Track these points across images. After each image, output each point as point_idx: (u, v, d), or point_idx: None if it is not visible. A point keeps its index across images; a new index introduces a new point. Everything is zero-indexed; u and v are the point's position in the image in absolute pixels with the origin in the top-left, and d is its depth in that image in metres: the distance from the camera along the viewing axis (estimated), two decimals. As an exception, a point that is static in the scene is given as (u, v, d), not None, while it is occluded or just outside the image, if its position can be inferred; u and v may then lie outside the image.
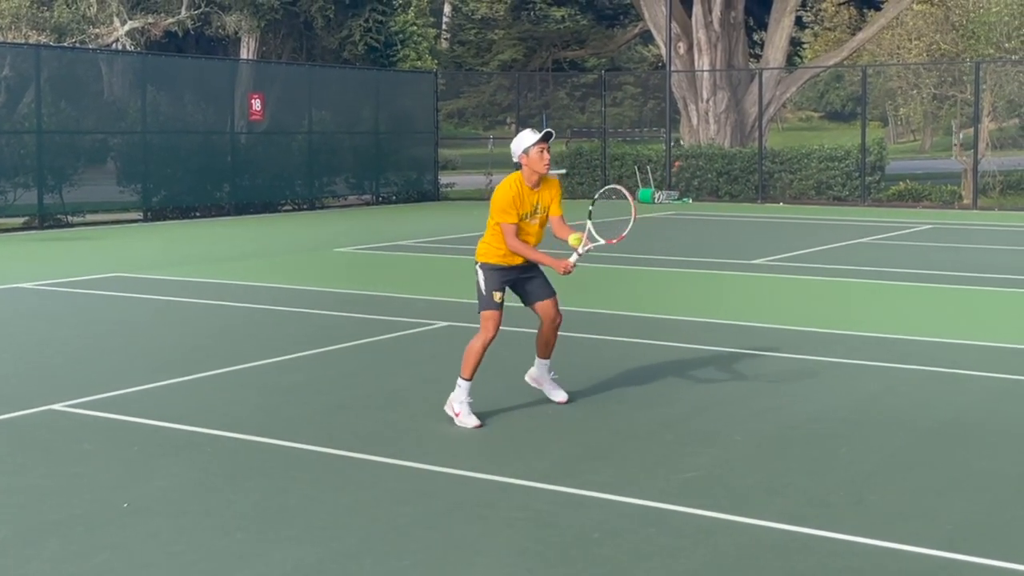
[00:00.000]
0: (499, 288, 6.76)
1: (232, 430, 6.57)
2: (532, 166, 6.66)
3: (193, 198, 23.23)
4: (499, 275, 6.77)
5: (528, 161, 6.66)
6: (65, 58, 22.95)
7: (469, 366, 6.74)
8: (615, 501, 5.37)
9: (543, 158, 6.63)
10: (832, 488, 5.59)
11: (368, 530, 5.00)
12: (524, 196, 6.70)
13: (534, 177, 6.70)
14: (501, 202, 6.66)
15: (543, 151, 6.63)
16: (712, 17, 29.67)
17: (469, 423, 6.66)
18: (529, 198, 6.71)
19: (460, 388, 6.74)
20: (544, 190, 6.76)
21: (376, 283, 13.01)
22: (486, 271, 6.80)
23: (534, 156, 6.64)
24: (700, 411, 7.11)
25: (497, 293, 6.75)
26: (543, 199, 6.75)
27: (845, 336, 9.62)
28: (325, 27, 31.21)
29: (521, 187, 6.70)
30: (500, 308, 6.77)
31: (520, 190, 6.69)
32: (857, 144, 26.05)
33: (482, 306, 6.79)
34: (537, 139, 6.63)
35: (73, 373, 8.24)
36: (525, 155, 6.66)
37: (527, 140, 6.65)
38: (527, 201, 6.70)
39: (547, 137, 6.65)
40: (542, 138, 6.63)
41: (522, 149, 6.66)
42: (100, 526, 5.04)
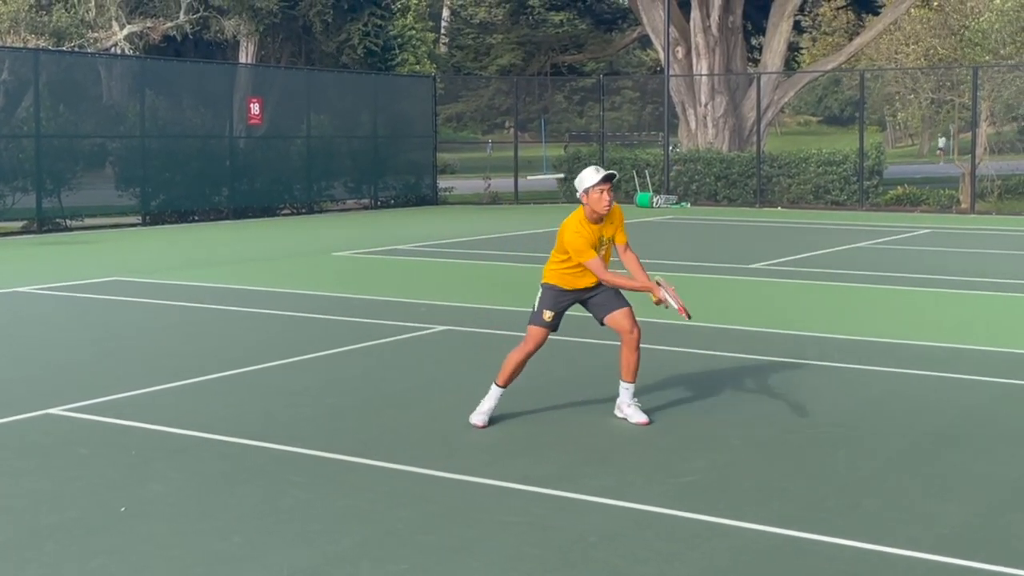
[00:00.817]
0: (552, 308, 6.80)
1: (229, 434, 6.57)
2: (592, 206, 6.67)
3: (191, 202, 23.25)
4: (556, 295, 6.81)
5: (588, 201, 6.67)
6: (64, 62, 22.98)
7: (505, 374, 6.83)
8: (612, 505, 5.37)
9: (603, 199, 6.62)
10: (829, 492, 5.59)
11: (365, 534, 5.00)
12: (591, 232, 6.72)
13: (595, 215, 6.71)
14: (577, 245, 6.64)
15: (603, 192, 6.61)
16: (710, 21, 29.71)
17: (477, 420, 6.79)
18: (595, 233, 6.73)
19: (491, 395, 6.86)
20: (607, 223, 6.78)
21: (374, 287, 13.02)
22: (545, 290, 6.86)
23: (594, 197, 6.64)
24: (698, 415, 7.11)
25: (548, 312, 6.78)
26: (606, 232, 6.79)
27: (843, 340, 9.63)
28: (323, 31, 31.26)
29: (586, 225, 6.72)
30: (548, 327, 6.81)
31: (587, 228, 6.71)
32: (855, 148, 26.08)
33: (531, 320, 6.85)
34: (598, 180, 6.62)
35: (71, 377, 8.25)
36: (586, 195, 6.67)
37: (588, 181, 6.65)
38: (594, 235, 6.73)
39: (608, 179, 6.64)
40: (603, 179, 6.62)
41: (583, 189, 6.68)
42: (97, 530, 5.04)
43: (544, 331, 6.81)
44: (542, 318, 6.79)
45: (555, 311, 6.82)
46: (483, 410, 6.82)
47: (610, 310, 6.83)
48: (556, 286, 6.82)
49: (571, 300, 6.86)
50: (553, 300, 6.80)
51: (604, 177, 6.63)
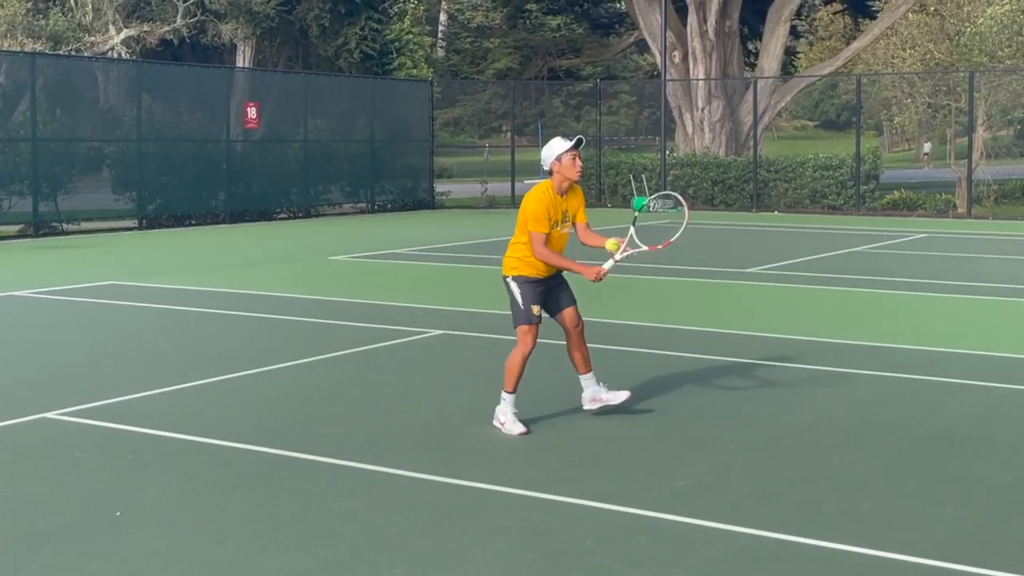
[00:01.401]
0: (536, 301, 6.80)
1: (225, 438, 6.57)
2: (565, 173, 6.71)
3: (188, 206, 23.23)
4: (533, 287, 6.80)
5: (560, 168, 6.70)
6: (60, 66, 22.96)
7: (511, 380, 6.80)
8: (607, 510, 5.38)
9: (575, 164, 6.68)
10: (824, 496, 5.60)
11: (360, 538, 5.00)
12: (556, 204, 6.74)
13: (565, 184, 6.75)
14: (535, 211, 6.68)
15: (575, 158, 6.69)
16: (707, 26, 29.76)
17: (515, 430, 6.71)
18: (560, 206, 6.76)
19: (504, 401, 6.82)
20: (571, 197, 6.82)
21: (371, 291, 13.02)
22: (521, 284, 6.82)
23: (567, 163, 6.69)
24: (694, 419, 7.12)
25: (535, 307, 6.79)
26: (571, 206, 6.82)
27: (839, 344, 9.64)
28: (320, 35, 31.26)
29: (553, 195, 6.74)
30: (539, 321, 6.82)
31: (552, 199, 6.73)
32: (852, 153, 26.11)
33: (520, 320, 6.81)
34: (569, 146, 6.69)
35: (67, 381, 8.24)
36: (558, 162, 6.70)
37: (559, 147, 6.70)
38: (558, 209, 6.75)
39: (578, 144, 6.73)
40: (574, 145, 6.71)
41: (554, 156, 6.70)
42: (93, 534, 5.04)
43: (536, 327, 6.80)
44: (532, 314, 6.78)
45: (539, 303, 6.83)
46: (509, 420, 6.78)
47: (565, 306, 6.90)
48: (528, 277, 6.80)
49: (545, 288, 6.85)
50: (533, 293, 6.80)
51: (575, 142, 6.72)
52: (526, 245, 6.77)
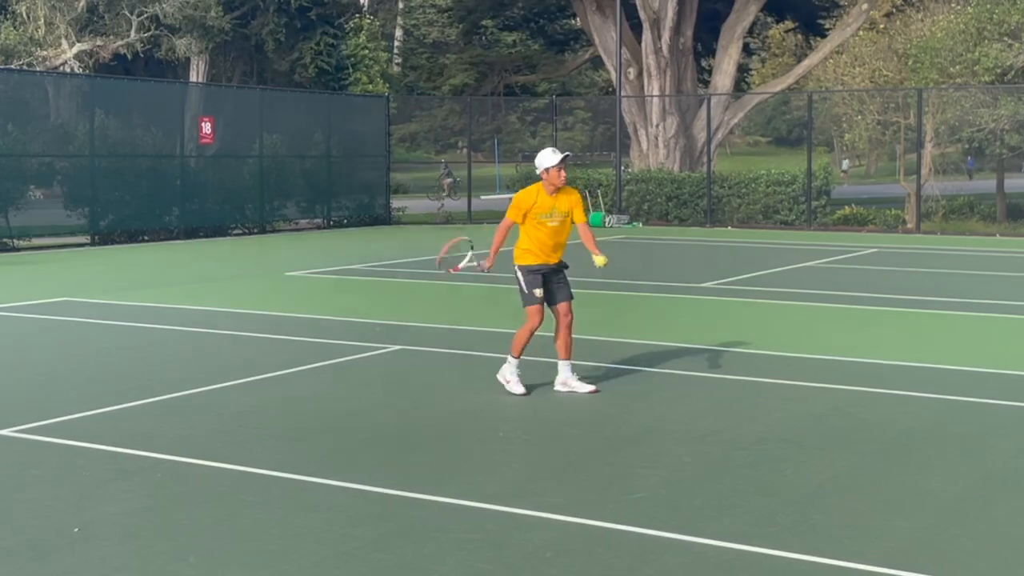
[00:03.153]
0: (539, 285, 8.14)
1: (183, 455, 6.55)
2: (551, 180, 8.13)
3: (142, 222, 23.05)
4: (536, 274, 8.14)
5: (548, 177, 8.14)
6: (12, 80, 22.73)
7: (518, 348, 8.15)
8: (566, 521, 5.44)
9: (560, 176, 8.12)
10: (777, 508, 5.70)
11: (321, 553, 5.02)
12: (541, 200, 8.12)
13: (551, 187, 8.15)
14: (515, 202, 8.18)
15: (561, 171, 8.13)
16: (661, 43, 30.07)
17: (518, 390, 8.09)
18: (546, 202, 8.13)
19: (510, 363, 8.17)
20: (562, 196, 8.18)
21: (328, 307, 13.01)
22: (525, 272, 8.18)
23: (553, 174, 8.12)
24: (649, 433, 7.20)
25: (538, 290, 8.13)
26: (560, 205, 8.15)
27: (791, 358, 9.78)
28: (276, 50, 31.19)
29: (540, 193, 8.15)
30: (543, 302, 8.15)
31: (538, 195, 8.14)
32: (803, 169, 26.47)
33: (526, 302, 8.16)
34: (557, 162, 8.10)
35: (21, 398, 8.17)
36: (546, 172, 8.13)
37: (549, 161, 8.12)
38: (544, 205, 8.12)
39: (565, 160, 8.15)
40: (560, 161, 8.11)
41: (543, 167, 8.13)
42: (50, 552, 5.01)
43: (541, 306, 8.13)
44: (535, 296, 8.12)
45: (541, 287, 8.13)
46: (514, 380, 8.12)
47: (561, 299, 8.22)
48: (530, 265, 8.15)
49: (545, 275, 8.16)
50: (535, 278, 8.13)
51: (563, 159, 8.13)
52: (527, 237, 8.16)
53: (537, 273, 8.14)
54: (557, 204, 8.14)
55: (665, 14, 29.90)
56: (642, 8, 29.78)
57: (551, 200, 8.13)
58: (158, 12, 28.95)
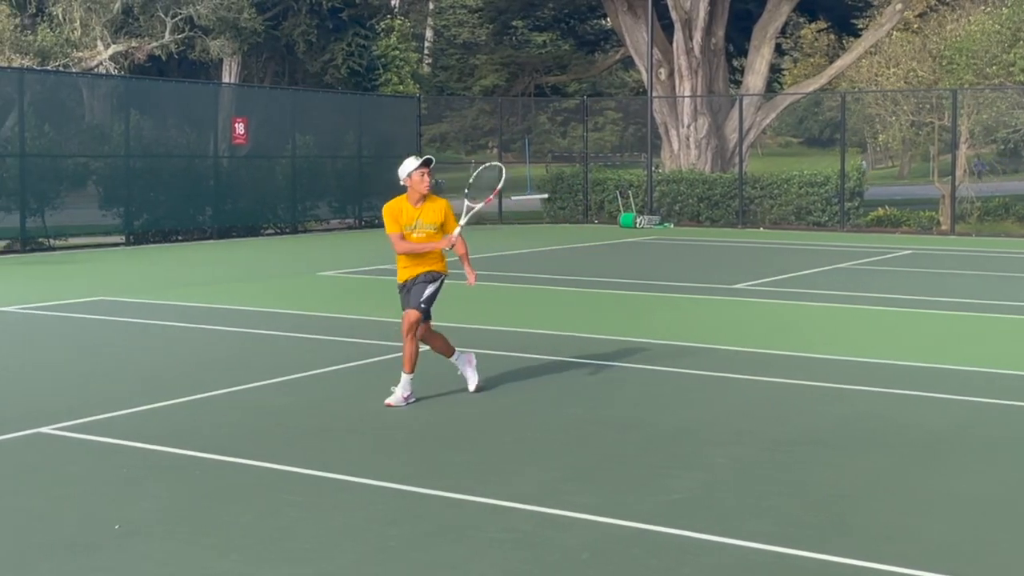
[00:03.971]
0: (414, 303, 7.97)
1: (220, 452, 6.61)
2: (414, 187, 7.85)
3: (175, 222, 23.24)
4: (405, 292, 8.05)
5: (411, 183, 7.84)
6: (48, 81, 22.97)
7: (409, 362, 7.94)
8: (601, 522, 5.44)
9: (423, 180, 7.80)
10: (814, 509, 5.68)
11: (359, 551, 5.05)
12: (406, 211, 7.87)
13: (416, 196, 7.87)
14: (386, 217, 7.94)
15: (423, 174, 7.79)
16: (693, 43, 29.97)
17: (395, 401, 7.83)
18: (411, 213, 7.88)
19: (403, 381, 7.94)
20: (427, 207, 7.90)
21: (360, 307, 13.07)
22: (400, 291, 8.15)
23: (416, 178, 7.81)
24: (683, 434, 7.20)
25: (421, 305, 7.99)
26: (425, 216, 7.89)
27: (825, 360, 9.74)
28: (307, 51, 31.35)
29: (404, 204, 7.90)
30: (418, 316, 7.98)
31: (403, 206, 7.88)
32: (836, 170, 26.31)
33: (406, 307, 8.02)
34: (418, 164, 7.79)
35: (60, 396, 8.26)
36: (409, 178, 7.83)
37: (410, 166, 7.81)
38: (411, 216, 7.87)
39: (427, 163, 7.78)
40: (422, 164, 7.77)
41: (406, 173, 7.82)
42: (92, 548, 5.07)
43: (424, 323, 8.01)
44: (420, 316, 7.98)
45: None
46: (402, 396, 7.88)
47: (408, 306, 8.08)
48: (401, 283, 8.11)
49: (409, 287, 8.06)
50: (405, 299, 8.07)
51: (423, 161, 7.79)
52: (398, 256, 7.97)
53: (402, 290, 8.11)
54: (422, 215, 7.85)
55: (697, 14, 29.81)
56: (674, 8, 29.71)
57: (415, 211, 7.85)
58: (192, 14, 29.16)
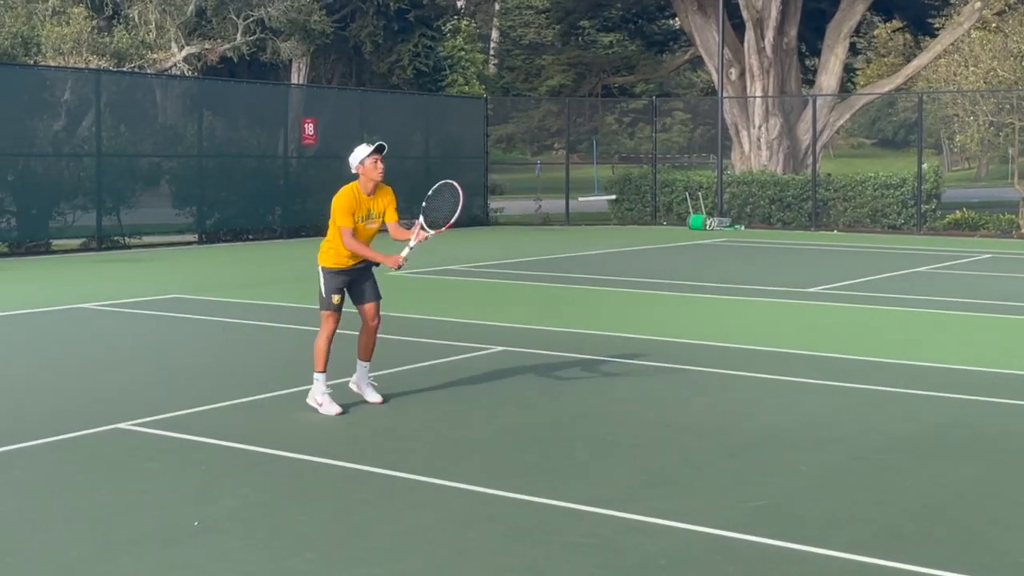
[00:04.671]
0: (337, 291, 7.59)
1: (295, 451, 6.61)
2: (368, 174, 7.49)
3: (246, 221, 23.49)
4: (337, 278, 7.58)
5: (364, 170, 7.49)
6: (124, 83, 23.33)
7: (320, 359, 7.55)
8: (681, 528, 5.33)
9: (376, 167, 7.47)
10: (900, 519, 5.52)
11: (433, 553, 5.00)
12: (361, 201, 7.53)
13: (370, 184, 7.53)
14: (341, 207, 7.48)
15: (376, 161, 7.47)
16: (764, 43, 29.59)
17: (332, 411, 7.44)
18: (365, 203, 7.55)
19: (317, 381, 7.55)
20: (379, 197, 7.61)
21: (429, 307, 13.06)
22: (326, 274, 7.61)
23: (369, 165, 7.47)
24: (764, 440, 7.05)
25: (336, 296, 7.58)
26: (377, 205, 7.59)
27: (909, 366, 9.50)
28: (374, 52, 31.51)
29: (358, 194, 7.53)
30: (339, 309, 7.61)
31: (358, 196, 7.52)
32: (913, 171, 25.81)
33: (323, 306, 7.63)
34: (371, 151, 7.47)
35: (138, 392, 8.34)
36: (362, 165, 7.48)
37: (362, 152, 7.49)
38: (364, 206, 7.54)
39: (379, 149, 7.49)
40: (375, 150, 7.47)
41: (358, 160, 7.48)
42: (171, 544, 5.08)
43: (336, 314, 7.60)
44: (331, 302, 7.57)
45: (339, 293, 7.59)
46: (324, 400, 7.48)
47: (368, 300, 7.71)
48: (333, 268, 7.57)
49: (347, 280, 7.62)
50: (334, 282, 7.57)
51: (376, 148, 7.47)
52: (335, 237, 7.53)
53: (340, 276, 7.57)
54: (374, 204, 7.55)
55: (769, 13, 29.44)
56: (745, 7, 29.37)
57: (369, 201, 7.53)
58: (263, 16, 29.47)
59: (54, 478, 6.09)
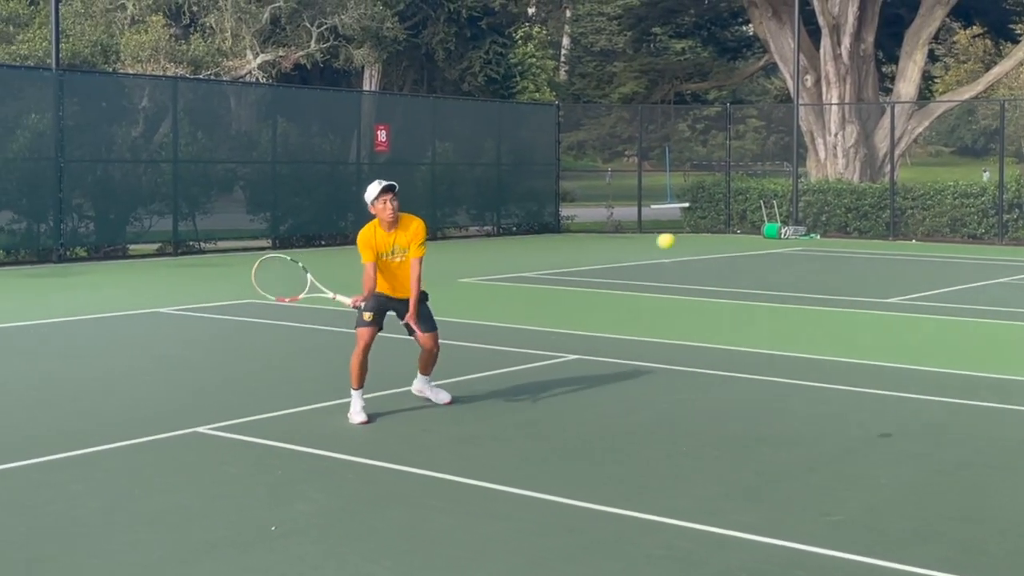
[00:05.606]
0: (369, 309, 7.57)
1: (371, 457, 6.62)
2: (379, 215, 7.50)
3: (318, 227, 23.70)
4: (377, 298, 7.59)
5: (374, 211, 7.51)
6: (200, 90, 23.70)
7: (355, 376, 7.55)
8: (760, 542, 5.23)
9: (386, 208, 7.44)
10: (987, 536, 5.36)
11: (510, 562, 4.95)
12: (380, 238, 7.51)
13: (383, 223, 7.51)
14: (359, 244, 7.55)
15: (386, 202, 7.43)
16: (841, 49, 29.17)
17: (358, 419, 7.42)
18: (386, 239, 7.52)
19: (353, 398, 7.54)
20: (400, 232, 7.54)
21: (502, 314, 13.04)
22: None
23: (378, 207, 7.48)
24: (844, 453, 6.90)
25: (367, 313, 7.57)
26: (400, 240, 7.54)
27: (991, 379, 9.25)
28: (446, 59, 31.69)
29: (376, 230, 7.53)
30: (371, 325, 7.58)
31: (376, 233, 7.52)
32: (994, 180, 25.22)
33: (357, 323, 7.68)
34: (378, 192, 7.44)
35: (216, 397, 8.43)
36: (372, 206, 7.50)
37: (372, 193, 7.48)
38: (384, 242, 7.51)
39: (389, 189, 7.44)
40: (383, 190, 7.43)
41: (369, 201, 7.51)
42: (250, 548, 5.10)
43: (369, 330, 7.57)
44: (362, 319, 7.58)
45: (372, 311, 7.56)
46: (357, 409, 7.48)
47: (421, 330, 7.70)
48: (380, 293, 7.62)
49: (388, 305, 7.65)
50: (375, 302, 7.58)
51: (384, 188, 7.42)
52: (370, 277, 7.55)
53: (378, 297, 7.61)
54: (397, 239, 7.53)
55: (845, 20, 29.02)
56: (821, 14, 28.98)
57: (389, 237, 7.52)
58: (337, 23, 29.78)
59: (135, 481, 6.16)
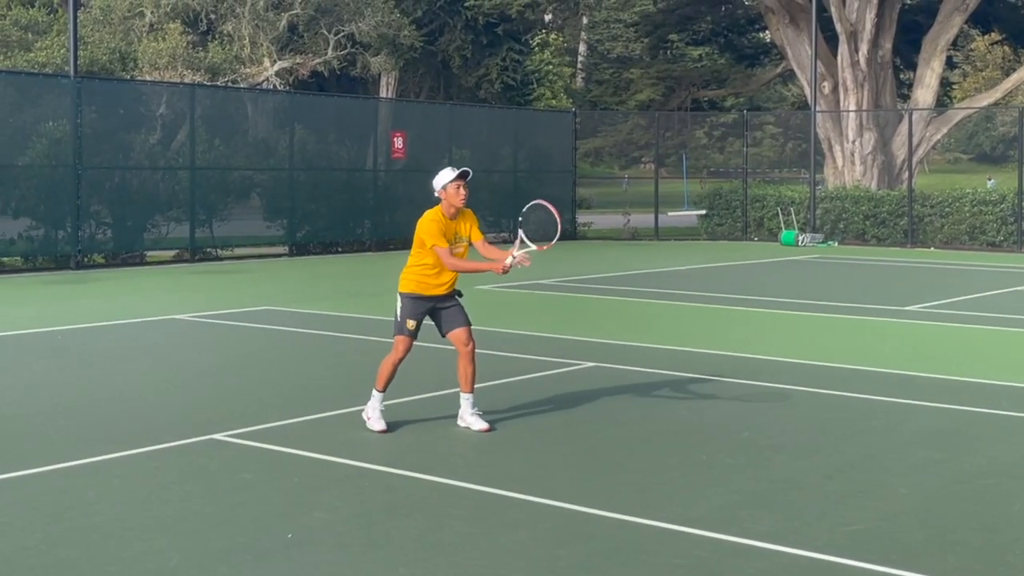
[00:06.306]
0: (412, 316, 7.49)
1: (387, 464, 6.61)
2: (449, 200, 7.41)
3: (335, 234, 23.75)
4: (417, 304, 7.48)
5: (446, 195, 7.41)
6: (217, 97, 23.79)
7: (382, 380, 7.50)
8: (779, 551, 5.21)
9: (459, 193, 7.38)
10: (1006, 546, 5.33)
11: (528, 571, 4.94)
12: (447, 225, 7.46)
13: (451, 209, 7.45)
14: (431, 231, 7.39)
15: (459, 187, 7.38)
16: (859, 56, 29.07)
17: (378, 427, 7.39)
18: (451, 227, 7.47)
19: (374, 398, 7.49)
20: (461, 220, 7.53)
21: (519, 322, 13.03)
22: (405, 300, 7.54)
23: (451, 191, 7.38)
24: (862, 461, 6.87)
25: (411, 321, 7.49)
26: (461, 229, 7.53)
27: (1011, 388, 9.20)
28: (462, 66, 31.74)
29: (442, 217, 7.46)
30: (412, 335, 7.51)
31: (442, 220, 7.45)
32: (1013, 188, 25.10)
33: (395, 330, 7.53)
34: (454, 176, 7.37)
35: (231, 403, 8.44)
36: (444, 190, 7.40)
37: (446, 177, 7.40)
38: (450, 229, 7.47)
39: (463, 175, 7.39)
40: (458, 176, 7.37)
41: (441, 185, 7.40)
42: (266, 555, 5.10)
43: (408, 339, 7.50)
44: (405, 327, 7.47)
45: (416, 319, 7.49)
46: (375, 416, 7.44)
47: (453, 326, 7.52)
48: (413, 294, 7.50)
49: (427, 308, 7.52)
50: (412, 309, 7.48)
51: (460, 173, 7.39)
52: (420, 266, 7.48)
53: (420, 302, 7.45)
54: (459, 228, 7.48)
55: (863, 26, 28.92)
56: (839, 20, 28.89)
57: (454, 225, 7.44)
58: (354, 31, 29.87)
59: (152, 488, 6.17)
